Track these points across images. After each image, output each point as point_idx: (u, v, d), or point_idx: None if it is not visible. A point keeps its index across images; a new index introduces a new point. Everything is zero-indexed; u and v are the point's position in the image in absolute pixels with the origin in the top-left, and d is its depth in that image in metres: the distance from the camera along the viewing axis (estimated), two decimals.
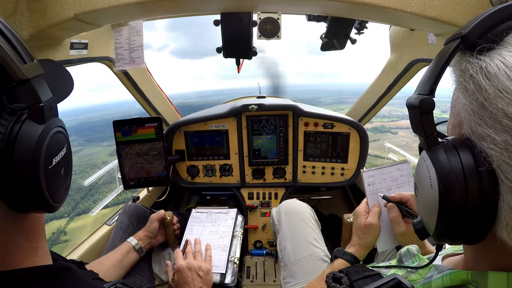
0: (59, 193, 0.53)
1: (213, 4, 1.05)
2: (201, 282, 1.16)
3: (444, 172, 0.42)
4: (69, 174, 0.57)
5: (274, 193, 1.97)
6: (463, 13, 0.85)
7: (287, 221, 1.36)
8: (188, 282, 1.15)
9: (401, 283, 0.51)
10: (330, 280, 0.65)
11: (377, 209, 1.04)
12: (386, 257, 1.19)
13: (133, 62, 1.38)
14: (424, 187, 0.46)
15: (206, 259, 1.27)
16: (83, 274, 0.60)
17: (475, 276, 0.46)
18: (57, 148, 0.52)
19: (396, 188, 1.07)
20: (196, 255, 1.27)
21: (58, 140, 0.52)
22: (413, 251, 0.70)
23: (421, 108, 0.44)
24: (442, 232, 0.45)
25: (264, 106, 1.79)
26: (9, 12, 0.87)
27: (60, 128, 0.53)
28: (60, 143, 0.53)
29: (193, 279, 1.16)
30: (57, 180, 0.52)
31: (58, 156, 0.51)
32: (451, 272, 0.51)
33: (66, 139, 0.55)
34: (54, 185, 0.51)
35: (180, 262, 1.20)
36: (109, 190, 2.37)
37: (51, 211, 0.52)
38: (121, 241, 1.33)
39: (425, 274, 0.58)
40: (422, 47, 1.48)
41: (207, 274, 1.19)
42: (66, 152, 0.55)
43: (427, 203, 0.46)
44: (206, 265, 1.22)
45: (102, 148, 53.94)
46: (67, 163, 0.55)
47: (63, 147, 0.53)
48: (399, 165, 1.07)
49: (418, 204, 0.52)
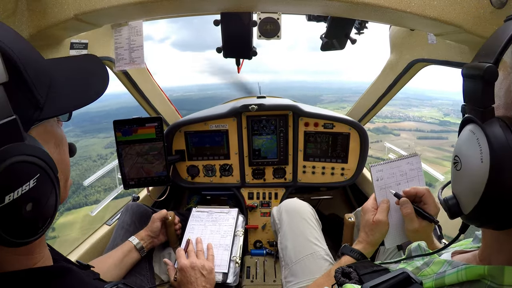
0: (24, 229, 0.45)
1: (213, 4, 1.05)
2: (205, 281, 1.15)
3: (501, 147, 0.40)
4: (44, 207, 0.47)
5: (274, 193, 1.97)
6: (463, 13, 0.85)
7: (288, 220, 1.36)
8: (192, 282, 1.14)
9: (410, 277, 0.51)
10: (339, 275, 0.65)
11: (386, 205, 1.00)
12: (388, 256, 1.19)
13: (133, 62, 1.38)
14: (471, 161, 0.44)
15: (209, 258, 1.26)
16: (84, 275, 0.60)
17: (492, 271, 0.45)
18: (9, 184, 0.41)
19: (405, 182, 1.03)
20: (199, 254, 1.26)
21: (13, 173, 0.42)
22: (423, 247, 0.70)
23: (484, 76, 0.42)
24: (481, 212, 0.44)
25: (264, 106, 1.79)
26: (9, 12, 0.87)
27: (25, 156, 0.43)
28: (19, 177, 0.42)
29: (196, 278, 1.15)
30: (17, 218, 0.43)
31: (14, 193, 0.41)
32: (467, 267, 0.50)
33: (35, 170, 0.44)
34: (12, 223, 0.43)
35: (183, 261, 1.20)
36: (101, 185, 2.37)
37: (16, 246, 0.45)
38: (122, 240, 1.33)
39: (437, 269, 0.57)
40: (422, 47, 1.48)
41: (210, 273, 1.19)
42: (36, 185, 0.44)
43: (473, 179, 0.44)
44: (209, 264, 1.22)
45: (98, 140, 52.45)
46: (39, 197, 0.45)
47: (25, 181, 0.43)
48: (408, 159, 1.03)
49: (457, 180, 0.49)
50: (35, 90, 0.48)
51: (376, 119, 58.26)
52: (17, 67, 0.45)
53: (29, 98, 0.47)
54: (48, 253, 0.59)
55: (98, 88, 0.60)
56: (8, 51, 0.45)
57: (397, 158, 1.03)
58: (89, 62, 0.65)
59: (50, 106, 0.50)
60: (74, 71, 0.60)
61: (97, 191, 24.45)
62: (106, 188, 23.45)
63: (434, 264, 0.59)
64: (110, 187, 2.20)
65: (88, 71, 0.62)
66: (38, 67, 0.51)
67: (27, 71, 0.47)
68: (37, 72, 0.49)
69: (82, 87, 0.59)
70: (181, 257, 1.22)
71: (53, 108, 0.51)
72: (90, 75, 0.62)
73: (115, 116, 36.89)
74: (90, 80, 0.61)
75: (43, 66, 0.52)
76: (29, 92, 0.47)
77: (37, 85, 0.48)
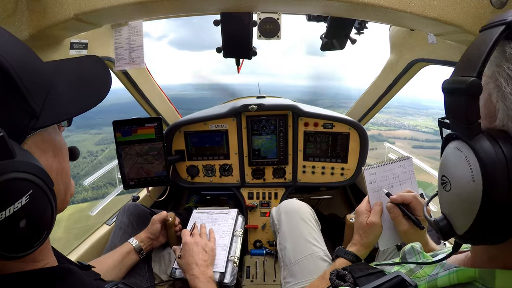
0: (19, 244, 0.44)
1: (213, 4, 1.05)
2: (206, 256, 1.23)
3: (492, 164, 0.38)
4: (39, 222, 0.46)
5: (274, 193, 1.97)
6: (463, 13, 0.85)
7: (287, 220, 1.36)
8: (193, 255, 1.22)
9: (404, 281, 0.51)
10: (334, 277, 0.65)
11: (379, 207, 1.01)
12: (388, 256, 1.19)
13: (133, 62, 1.38)
14: (461, 181, 0.42)
15: (211, 240, 1.35)
16: (85, 275, 0.60)
17: (482, 274, 0.45)
18: (1, 202, 0.41)
19: (398, 185, 1.04)
20: (202, 235, 1.35)
21: (4, 191, 0.41)
22: (417, 248, 0.70)
23: (468, 90, 0.40)
24: (476, 232, 0.42)
25: (264, 106, 1.79)
26: (9, 12, 0.87)
27: (15, 173, 0.42)
28: (9, 195, 0.41)
29: (198, 253, 1.23)
30: (11, 234, 0.43)
31: (6, 211, 0.41)
32: (458, 270, 0.50)
33: (28, 186, 0.43)
34: (6, 240, 0.43)
35: (188, 238, 1.29)
36: (86, 174, 2.37)
37: (14, 259, 0.44)
38: (120, 241, 1.33)
39: (430, 271, 0.57)
40: (422, 47, 1.48)
41: (211, 251, 1.28)
42: (30, 201, 0.43)
43: (465, 199, 0.42)
44: (211, 244, 1.31)
45: (89, 136, 51.85)
46: (33, 213, 0.44)
47: (17, 198, 0.42)
48: (401, 162, 1.04)
49: (446, 200, 0.47)
50: (30, 98, 0.46)
51: (371, 126, 57.84)
52: (10, 75, 0.44)
53: (23, 107, 0.46)
54: (53, 259, 0.58)
55: (100, 92, 0.58)
56: (0, 59, 0.43)
57: (390, 161, 1.05)
58: (92, 64, 0.63)
59: (47, 114, 0.49)
60: (76, 75, 0.58)
61: (85, 189, 24.36)
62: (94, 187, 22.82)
63: (427, 266, 0.59)
64: (98, 185, 2.18)
65: (91, 74, 0.60)
66: (35, 74, 0.49)
67: (22, 79, 0.45)
68: (34, 79, 0.48)
69: (84, 92, 0.57)
70: (186, 235, 1.31)
71: (50, 116, 0.49)
72: (92, 78, 0.60)
73: (108, 112, 36.05)
74: (92, 84, 0.59)
75: (41, 72, 0.51)
76: (23, 102, 0.46)
77: (33, 93, 0.47)
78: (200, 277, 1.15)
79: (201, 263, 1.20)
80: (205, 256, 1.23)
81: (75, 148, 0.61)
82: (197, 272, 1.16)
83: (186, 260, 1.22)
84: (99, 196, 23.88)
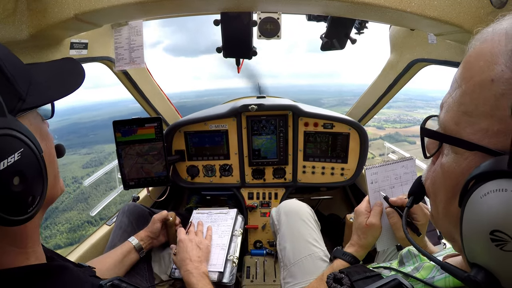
0: (15, 204, 0.46)
1: (213, 4, 1.05)
2: (199, 253, 1.25)
3: None
4: (31, 184, 0.48)
5: (274, 193, 1.97)
6: (463, 13, 0.85)
7: (286, 221, 1.36)
8: (188, 251, 1.24)
9: (401, 284, 0.51)
10: (331, 281, 0.65)
11: (379, 208, 1.00)
12: (387, 257, 1.19)
13: (133, 62, 1.38)
14: None
15: (207, 238, 1.36)
16: (80, 272, 0.60)
17: None
18: None
19: (399, 186, 1.02)
20: (198, 233, 1.37)
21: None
22: (414, 252, 0.70)
23: None
24: None
25: (264, 106, 1.79)
26: (9, 12, 0.87)
27: (7, 130, 0.44)
28: (3, 149, 0.44)
29: (192, 249, 1.25)
30: (6, 190, 0.44)
31: (0, 164, 0.43)
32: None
33: (19, 143, 0.46)
34: (2, 197, 0.44)
35: (183, 236, 1.31)
36: (65, 209, 2.35)
37: (10, 224, 0.46)
38: (120, 241, 1.33)
39: (426, 274, 0.58)
40: (422, 47, 1.48)
41: (206, 248, 1.30)
42: (21, 159, 0.46)
43: None
44: (206, 242, 1.33)
45: (77, 158, 47.23)
46: (25, 171, 0.47)
47: (10, 154, 0.44)
48: (403, 162, 1.02)
49: (501, 261, 0.37)
50: (16, 84, 0.51)
51: (386, 124, 54.85)
52: None
53: (11, 90, 0.50)
54: (41, 250, 0.59)
55: (75, 80, 0.63)
56: None
57: (393, 161, 1.03)
58: (66, 63, 0.69)
59: (32, 97, 0.53)
60: (52, 71, 0.64)
61: (60, 232, 23.36)
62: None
63: (423, 269, 0.59)
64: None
65: (64, 69, 0.66)
66: (17, 65, 0.54)
67: (7, 67, 0.49)
68: (17, 70, 0.52)
69: (60, 82, 0.62)
70: (181, 233, 1.33)
71: (35, 99, 0.53)
72: (67, 72, 0.66)
73: (104, 127, 35.72)
74: (67, 76, 0.65)
75: (22, 67, 0.55)
76: (10, 85, 0.50)
77: (18, 79, 0.51)
78: (194, 272, 1.16)
79: (195, 259, 1.21)
80: (199, 252, 1.25)
81: (60, 145, 0.65)
82: (190, 267, 1.17)
83: (180, 256, 1.23)
84: (74, 241, 21.70)
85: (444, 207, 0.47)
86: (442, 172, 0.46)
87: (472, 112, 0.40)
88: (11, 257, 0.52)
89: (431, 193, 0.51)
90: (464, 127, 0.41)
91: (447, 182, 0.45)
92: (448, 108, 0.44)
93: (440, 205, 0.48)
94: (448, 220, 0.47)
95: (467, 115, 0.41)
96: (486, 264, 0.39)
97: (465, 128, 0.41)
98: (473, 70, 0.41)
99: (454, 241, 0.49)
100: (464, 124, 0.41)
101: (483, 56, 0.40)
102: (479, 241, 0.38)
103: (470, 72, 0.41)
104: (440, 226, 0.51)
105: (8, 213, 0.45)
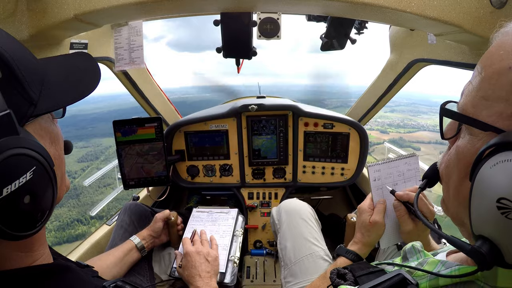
0: (22, 221, 0.46)
1: (213, 4, 1.05)
2: (209, 267, 1.19)
3: None
4: (42, 200, 0.48)
5: (274, 193, 1.97)
6: (463, 13, 0.85)
7: (287, 220, 1.36)
8: (196, 266, 1.17)
9: (406, 279, 0.51)
10: (335, 276, 0.65)
11: (383, 205, 0.99)
12: (388, 256, 1.19)
13: (133, 62, 1.38)
14: None
15: (213, 247, 1.30)
16: (83, 273, 0.60)
17: (484, 272, 0.45)
18: (6, 176, 0.42)
19: (402, 182, 1.02)
20: (204, 242, 1.30)
21: (10, 166, 0.43)
22: (417, 247, 0.70)
23: None
24: None
25: (264, 106, 1.79)
26: (9, 12, 0.87)
27: (20, 149, 0.44)
28: (16, 170, 0.43)
29: (200, 263, 1.19)
30: (15, 210, 0.44)
31: (12, 185, 0.42)
32: (460, 268, 0.50)
33: (32, 162, 0.46)
34: (11, 216, 0.44)
35: (189, 247, 1.24)
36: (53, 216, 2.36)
37: (16, 239, 0.46)
38: (121, 240, 1.33)
39: (431, 269, 0.57)
40: (422, 47, 1.48)
41: (214, 260, 1.23)
42: (33, 177, 0.45)
43: None
44: (214, 252, 1.26)
45: (74, 151, 46.93)
46: (36, 189, 0.46)
47: (22, 173, 0.44)
48: (406, 159, 1.02)
49: (504, 229, 0.39)
50: (28, 87, 0.49)
51: (390, 129, 54.22)
52: (9, 64, 0.46)
53: (22, 94, 0.49)
54: (48, 251, 0.59)
55: (90, 83, 0.61)
56: (0, 51, 0.46)
57: (395, 158, 1.02)
58: (81, 59, 0.66)
59: (43, 102, 0.51)
60: (66, 69, 0.61)
61: (47, 229, 22.58)
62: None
63: (428, 264, 0.59)
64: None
65: (80, 68, 0.64)
66: (31, 66, 0.52)
67: (20, 68, 0.48)
68: (30, 70, 0.50)
69: (74, 83, 0.60)
70: (187, 244, 1.27)
71: (46, 104, 0.52)
72: (82, 71, 0.63)
73: (103, 120, 35.57)
74: (82, 77, 0.62)
75: (35, 65, 0.54)
76: (22, 89, 0.48)
77: (30, 82, 0.50)
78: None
79: (205, 275, 1.15)
80: (208, 267, 1.19)
81: (68, 141, 0.64)
82: (200, 284, 1.12)
83: (188, 272, 1.17)
84: (62, 240, 20.65)
85: (455, 187, 0.50)
86: (456, 153, 0.49)
87: (489, 96, 0.43)
88: (19, 259, 0.52)
89: (444, 176, 0.54)
90: (481, 110, 0.44)
91: (461, 162, 0.48)
92: (468, 93, 0.47)
93: (452, 187, 0.51)
94: (458, 201, 0.50)
95: (484, 99, 0.44)
96: (491, 234, 0.41)
97: (482, 111, 0.44)
98: (493, 58, 0.44)
99: (463, 224, 0.51)
100: (481, 107, 0.44)
101: (504, 46, 0.43)
102: (487, 210, 0.40)
103: (491, 60, 0.44)
104: (450, 210, 0.53)
105: (16, 230, 0.45)
